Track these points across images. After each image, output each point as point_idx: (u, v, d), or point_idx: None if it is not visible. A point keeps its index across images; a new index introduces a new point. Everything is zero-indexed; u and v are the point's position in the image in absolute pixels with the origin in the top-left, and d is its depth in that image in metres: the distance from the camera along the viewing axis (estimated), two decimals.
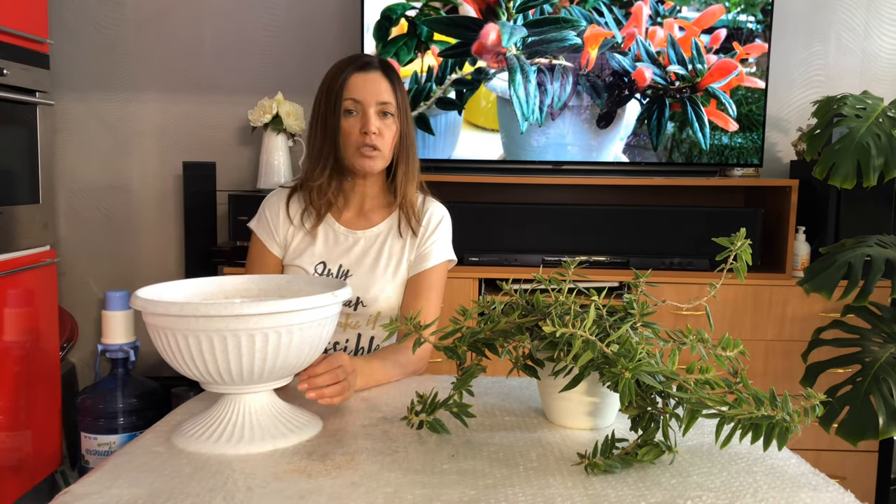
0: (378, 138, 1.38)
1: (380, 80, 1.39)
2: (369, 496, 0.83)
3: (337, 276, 1.43)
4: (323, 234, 1.45)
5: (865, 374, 1.85)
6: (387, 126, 1.39)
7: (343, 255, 1.44)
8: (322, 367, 1.10)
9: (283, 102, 2.47)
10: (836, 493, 0.86)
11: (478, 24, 2.47)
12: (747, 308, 2.29)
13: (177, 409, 1.16)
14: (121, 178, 2.75)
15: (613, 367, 0.88)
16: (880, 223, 2.31)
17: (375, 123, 1.37)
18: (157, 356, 2.79)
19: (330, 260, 1.43)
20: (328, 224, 1.46)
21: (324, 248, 1.44)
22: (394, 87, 1.40)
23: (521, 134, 2.49)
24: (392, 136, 1.41)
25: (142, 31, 2.70)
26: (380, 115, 1.39)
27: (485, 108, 2.49)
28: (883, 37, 2.67)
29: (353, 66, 1.39)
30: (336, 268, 1.42)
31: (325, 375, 1.10)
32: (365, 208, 1.48)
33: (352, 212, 1.48)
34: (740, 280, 1.09)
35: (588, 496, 0.84)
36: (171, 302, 0.94)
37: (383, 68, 1.40)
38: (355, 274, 1.42)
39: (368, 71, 1.39)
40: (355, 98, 1.38)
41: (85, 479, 0.88)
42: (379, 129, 1.38)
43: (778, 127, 2.67)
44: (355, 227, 1.46)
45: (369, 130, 1.37)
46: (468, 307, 1.04)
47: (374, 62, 1.41)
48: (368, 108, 1.37)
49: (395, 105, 1.39)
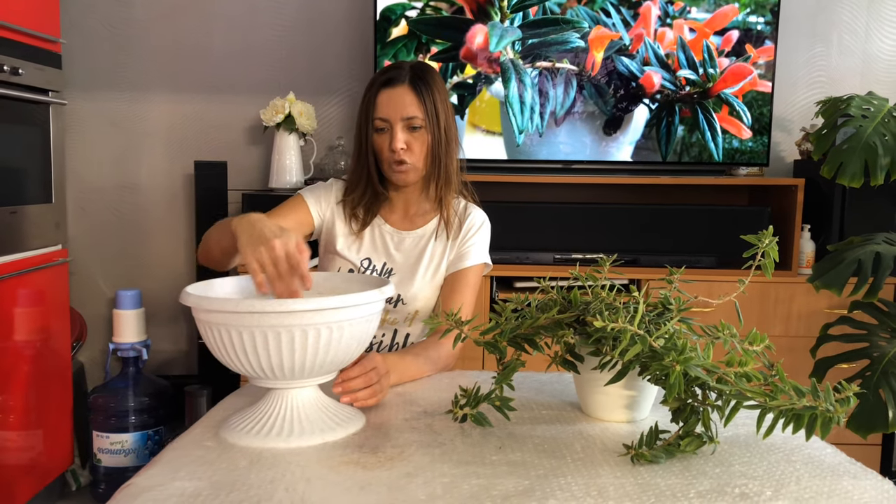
0: (407, 153, 1.41)
1: (405, 93, 1.40)
2: (427, 487, 0.85)
3: (381, 273, 1.47)
4: (370, 233, 1.49)
5: (874, 368, 1.89)
6: (416, 139, 1.42)
7: (388, 253, 1.48)
8: (356, 371, 1.12)
9: (296, 102, 2.48)
10: (875, 480, 0.90)
11: (469, 25, 2.44)
12: (754, 305, 2.33)
13: (218, 404, 1.18)
14: (130, 178, 2.76)
15: (661, 361, 0.91)
16: (884, 221, 2.35)
17: (402, 139, 1.40)
18: (168, 354, 2.81)
19: (375, 257, 1.47)
20: (376, 224, 1.50)
21: (370, 245, 1.49)
22: (421, 99, 1.40)
23: (518, 146, 2.49)
24: (422, 147, 1.43)
25: (151, 30, 2.71)
26: (407, 130, 1.41)
27: (489, 111, 2.50)
28: (884, 38, 2.72)
29: (379, 82, 1.42)
30: (381, 265, 1.46)
31: (359, 379, 1.12)
32: (410, 212, 1.52)
33: (398, 214, 1.52)
34: (768, 276, 1.13)
35: (638, 485, 0.87)
36: (226, 299, 0.96)
37: (412, 80, 1.41)
38: (398, 272, 1.46)
39: (395, 86, 1.41)
40: (382, 117, 1.41)
41: (144, 471, 0.90)
42: (407, 144, 1.41)
43: (782, 127, 2.72)
44: (402, 228, 1.50)
45: (395, 147, 1.40)
46: (482, 304, 1.07)
47: (401, 75, 1.41)
48: (395, 124, 1.40)
49: (422, 118, 1.41)
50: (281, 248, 1.05)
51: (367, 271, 1.46)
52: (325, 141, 2.72)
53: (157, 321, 2.75)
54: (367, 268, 1.46)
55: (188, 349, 2.81)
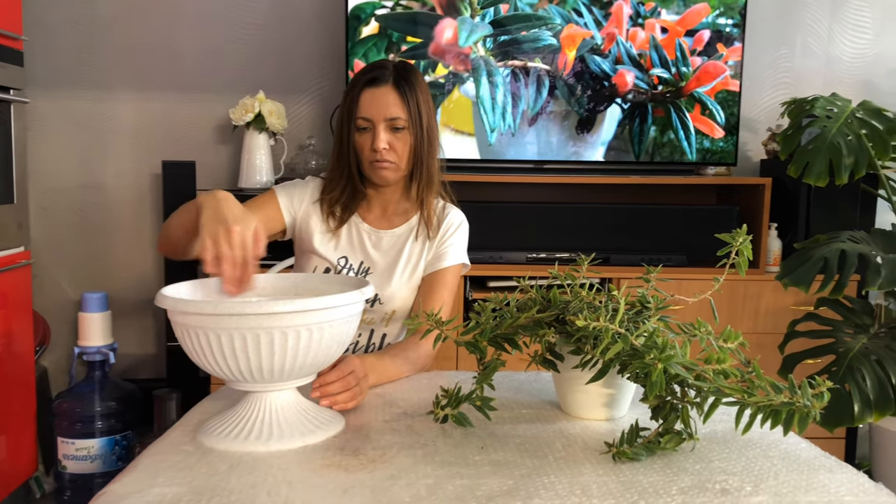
0: (389, 152, 1.40)
1: (389, 93, 1.39)
2: (411, 489, 0.85)
3: (358, 272, 1.46)
4: (347, 231, 1.48)
5: (840, 363, 1.93)
6: (398, 139, 1.41)
7: (365, 252, 1.47)
8: (333, 375, 1.12)
9: (265, 101, 2.46)
10: (850, 473, 0.92)
11: (438, 21, 2.42)
12: (723, 302, 2.37)
13: (194, 408, 1.16)
14: (95, 178, 2.70)
15: (642, 359, 0.91)
16: (847, 220, 2.41)
17: (385, 139, 1.39)
18: (136, 357, 2.76)
19: (352, 256, 1.46)
20: (353, 222, 1.49)
21: (347, 244, 1.47)
22: (405, 100, 1.39)
23: (490, 145, 2.50)
24: (405, 147, 1.42)
25: (117, 27, 2.66)
26: (390, 130, 1.40)
27: (460, 111, 2.49)
28: (846, 41, 2.78)
29: (363, 81, 1.41)
30: (357, 264, 1.45)
31: (337, 383, 1.11)
32: (388, 212, 1.51)
33: (376, 213, 1.51)
34: (741, 275, 1.14)
35: (621, 483, 0.87)
36: (204, 301, 0.95)
37: (395, 80, 1.40)
38: (375, 272, 1.46)
39: (378, 86, 1.39)
40: (365, 116, 1.40)
41: (121, 478, 0.88)
42: (390, 143, 1.40)
43: (748, 127, 2.76)
44: (379, 227, 1.49)
45: (378, 148, 1.39)
46: (457, 304, 1.07)
47: (385, 75, 1.40)
48: (378, 124, 1.39)
49: (405, 118, 1.40)
50: (238, 234, 1.03)
51: (344, 270, 1.45)
52: (295, 140, 2.69)
53: (124, 324, 2.70)
54: (344, 266, 1.45)
55: (156, 352, 2.76)
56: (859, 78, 2.79)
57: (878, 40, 2.78)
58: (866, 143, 2.11)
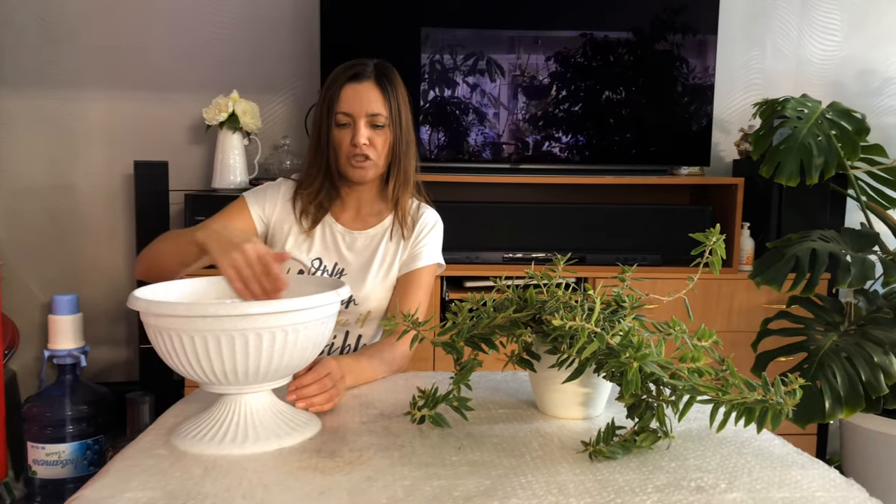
0: (369, 149, 1.39)
1: (371, 90, 1.39)
2: (388, 490, 0.85)
3: (332, 274, 1.44)
4: (320, 232, 1.47)
5: (812, 361, 1.96)
6: (378, 136, 1.40)
7: (339, 253, 1.46)
8: (310, 378, 1.11)
9: (239, 101, 2.44)
10: (822, 469, 0.93)
11: None
12: (697, 301, 2.39)
13: (167, 411, 1.14)
14: (66, 179, 2.66)
15: (618, 358, 0.92)
16: (818, 219, 2.44)
17: (365, 135, 1.38)
18: (108, 361, 2.72)
19: (326, 257, 1.45)
20: (327, 223, 1.48)
21: (321, 245, 1.46)
22: (386, 97, 1.39)
23: (466, 145, 2.51)
24: (384, 145, 1.41)
25: (87, 25, 2.61)
26: (370, 127, 1.39)
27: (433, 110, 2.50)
28: (815, 43, 2.82)
29: (344, 76, 1.40)
30: (332, 265, 1.44)
31: (314, 386, 1.11)
32: (362, 212, 1.50)
33: (350, 213, 1.50)
34: (715, 273, 1.16)
35: (598, 481, 0.88)
36: (177, 303, 0.93)
37: (377, 77, 1.40)
38: (349, 273, 1.44)
39: (361, 81, 1.39)
40: (345, 111, 1.39)
41: (94, 483, 0.86)
42: (370, 140, 1.39)
43: (721, 128, 2.79)
44: (353, 228, 1.48)
45: (358, 143, 1.38)
46: (433, 305, 1.07)
47: (367, 71, 1.40)
48: (358, 119, 1.38)
49: (386, 116, 1.40)
50: (252, 251, 1.08)
51: (318, 272, 1.44)
52: (269, 140, 2.67)
53: (96, 326, 2.66)
54: (318, 268, 1.44)
55: (129, 355, 2.72)
56: (828, 79, 2.84)
57: (846, 42, 2.83)
58: (836, 144, 2.15)
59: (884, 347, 1.90)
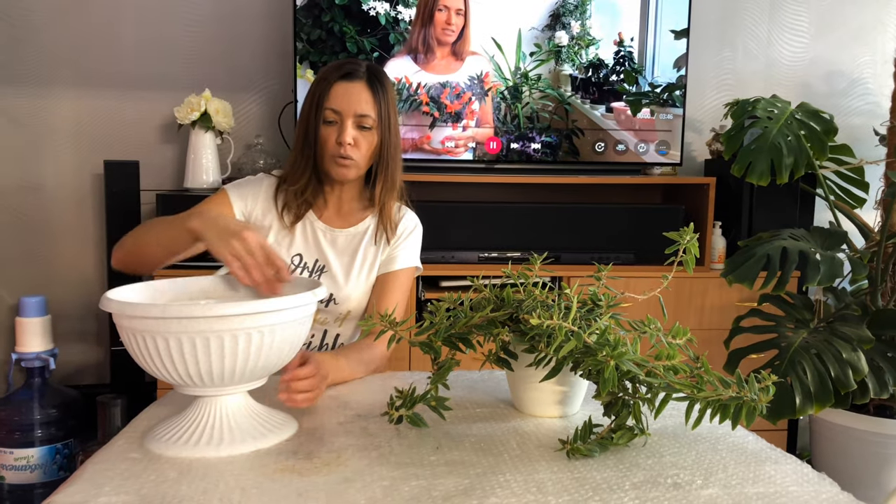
0: (353, 149, 1.38)
1: (362, 90, 1.38)
2: (367, 491, 0.84)
3: (312, 271, 1.44)
4: (301, 229, 1.46)
5: (782, 357, 1.99)
6: (364, 137, 1.40)
7: (320, 250, 1.45)
8: (307, 371, 1.09)
9: (212, 99, 2.41)
10: (795, 464, 0.94)
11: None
12: (670, 299, 2.41)
13: (140, 414, 1.13)
14: (34, 178, 2.61)
15: (595, 357, 0.92)
16: (788, 217, 2.48)
17: (351, 134, 1.37)
18: (78, 363, 2.67)
19: (307, 254, 1.44)
20: (308, 220, 1.47)
21: (302, 241, 1.45)
22: (376, 99, 1.39)
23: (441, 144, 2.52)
24: (369, 147, 1.41)
25: (55, 21, 2.57)
26: (357, 127, 1.39)
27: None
28: (784, 44, 2.87)
29: (336, 74, 1.39)
30: (312, 262, 1.43)
31: (309, 381, 1.10)
32: (343, 210, 1.49)
33: (331, 211, 1.49)
34: (689, 272, 1.17)
35: (575, 479, 0.88)
36: (152, 304, 0.92)
37: (369, 78, 1.39)
38: (330, 271, 1.44)
39: (352, 80, 1.38)
40: (334, 108, 1.38)
41: (65, 488, 0.85)
42: (355, 140, 1.38)
43: (693, 128, 2.82)
44: (334, 226, 1.47)
45: (343, 141, 1.37)
46: (409, 306, 1.07)
47: (360, 72, 1.39)
48: (346, 118, 1.38)
49: (374, 118, 1.39)
50: (253, 238, 1.08)
51: (299, 269, 1.43)
52: (242, 139, 2.64)
53: (66, 329, 2.62)
54: (299, 265, 1.43)
55: (100, 357, 2.68)
56: (797, 80, 2.88)
57: (813, 44, 2.88)
58: (805, 144, 2.18)
59: (852, 344, 1.94)
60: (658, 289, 1.19)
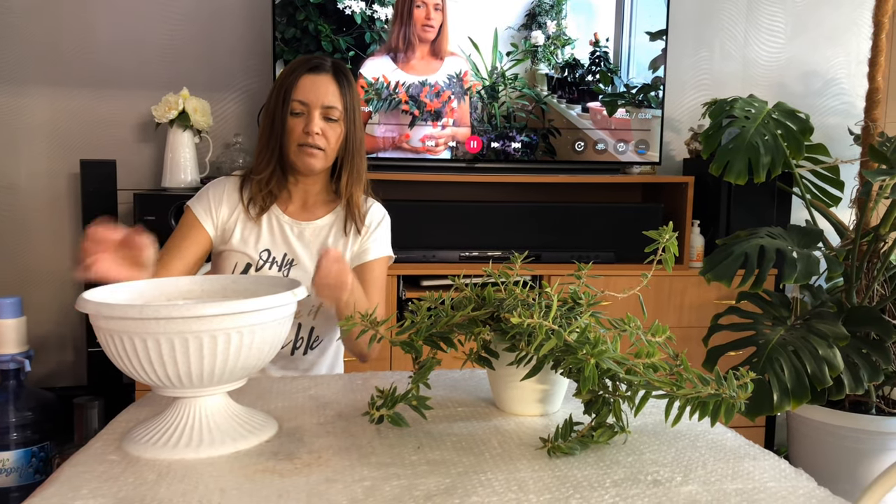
0: (320, 139, 1.41)
1: (328, 83, 1.41)
2: (348, 491, 0.84)
3: (281, 265, 1.45)
4: (268, 223, 1.47)
5: (760, 354, 2.01)
6: (331, 128, 1.42)
7: (288, 245, 1.47)
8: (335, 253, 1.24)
9: (190, 98, 2.39)
10: (773, 460, 0.95)
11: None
12: (649, 297, 2.43)
13: (118, 416, 1.11)
14: (7, 178, 2.57)
15: (575, 355, 0.93)
16: (765, 216, 2.51)
17: (318, 125, 1.40)
18: (54, 365, 2.64)
19: (274, 248, 1.46)
20: (274, 214, 1.48)
21: (269, 236, 1.46)
22: (342, 92, 1.42)
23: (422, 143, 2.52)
24: (336, 138, 1.44)
25: (30, 19, 2.53)
26: (323, 119, 1.41)
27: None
28: (761, 45, 2.90)
29: (304, 67, 1.42)
30: (280, 256, 1.45)
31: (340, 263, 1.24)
32: (308, 203, 1.51)
33: (296, 205, 1.50)
34: (668, 270, 1.17)
35: (556, 477, 0.88)
36: (129, 305, 0.91)
37: (335, 72, 1.43)
38: (299, 264, 1.45)
39: (318, 73, 1.41)
40: (302, 100, 1.40)
41: (42, 491, 0.83)
42: (322, 131, 1.41)
43: (671, 127, 2.85)
44: (300, 219, 1.49)
45: (311, 131, 1.40)
46: (390, 304, 1.07)
47: (326, 65, 1.43)
48: (314, 109, 1.40)
49: (340, 110, 1.42)
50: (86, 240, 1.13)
51: (267, 264, 1.44)
52: (221, 138, 2.63)
53: (41, 330, 2.58)
54: (267, 259, 1.44)
55: (76, 359, 2.65)
56: (774, 80, 2.92)
57: (789, 44, 2.91)
58: (782, 143, 2.21)
59: (828, 341, 1.96)
60: (638, 287, 1.19)
